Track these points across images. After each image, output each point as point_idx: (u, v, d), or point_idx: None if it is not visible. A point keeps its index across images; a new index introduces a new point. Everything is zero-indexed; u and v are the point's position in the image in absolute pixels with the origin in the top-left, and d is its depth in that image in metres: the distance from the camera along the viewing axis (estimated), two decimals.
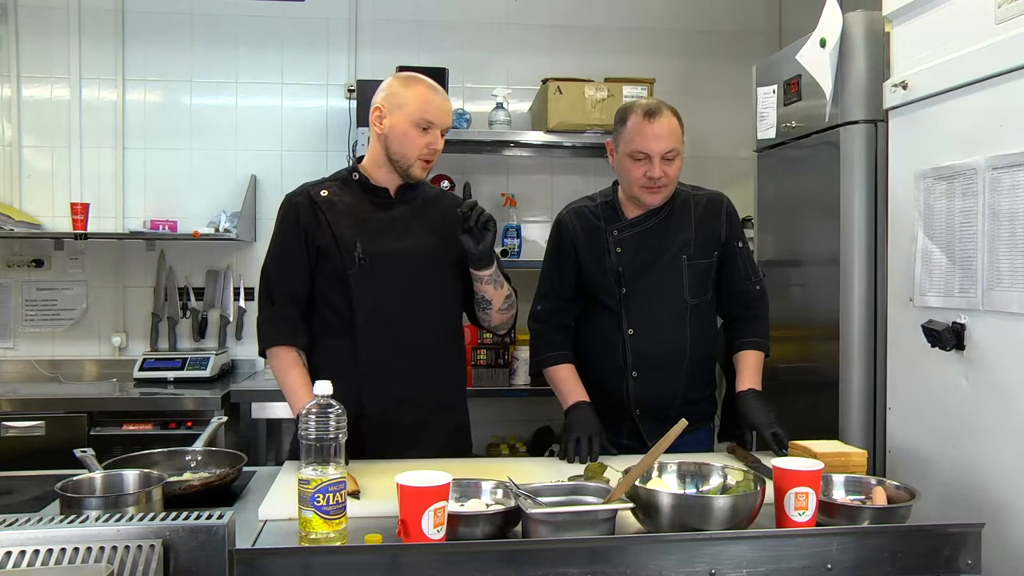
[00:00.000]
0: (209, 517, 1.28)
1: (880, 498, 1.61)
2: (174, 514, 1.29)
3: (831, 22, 2.45)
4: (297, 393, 2.02)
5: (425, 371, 2.09)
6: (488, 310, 2.18)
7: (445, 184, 3.73)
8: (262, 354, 2.14)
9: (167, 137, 3.87)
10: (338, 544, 1.38)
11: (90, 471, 1.65)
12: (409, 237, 2.11)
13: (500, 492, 1.56)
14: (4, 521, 1.27)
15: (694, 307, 2.23)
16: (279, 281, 2.11)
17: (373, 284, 2.06)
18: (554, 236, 2.34)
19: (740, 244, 2.28)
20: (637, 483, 1.50)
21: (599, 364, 2.27)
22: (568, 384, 2.23)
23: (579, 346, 2.32)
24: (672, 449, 1.58)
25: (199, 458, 1.92)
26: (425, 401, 2.09)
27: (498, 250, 2.61)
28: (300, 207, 2.10)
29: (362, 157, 2.17)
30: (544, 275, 2.35)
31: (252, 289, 3.93)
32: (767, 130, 2.89)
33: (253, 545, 1.46)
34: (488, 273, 2.09)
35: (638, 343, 2.21)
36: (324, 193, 2.12)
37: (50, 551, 1.21)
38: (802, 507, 1.49)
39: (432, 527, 1.36)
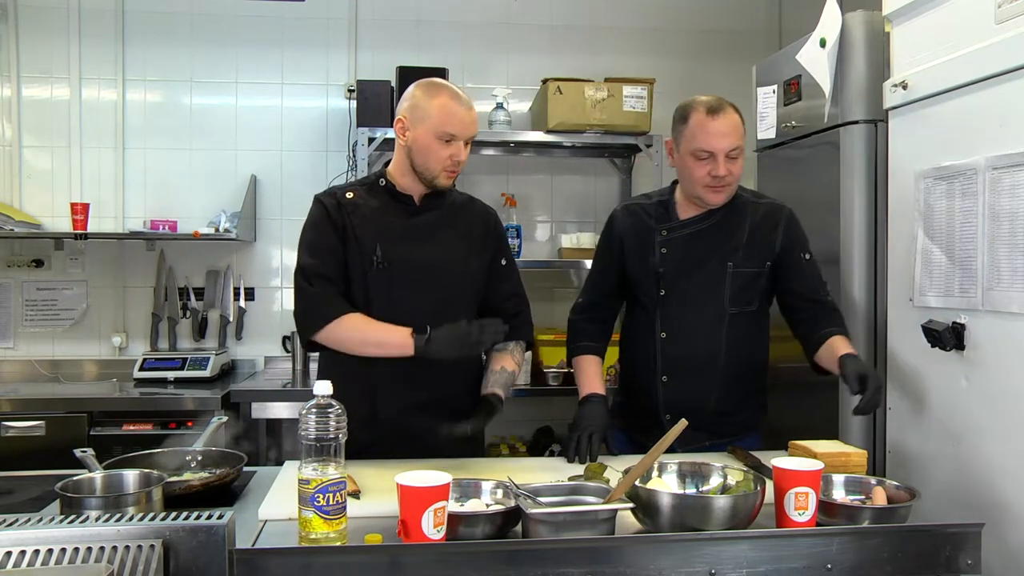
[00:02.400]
0: (209, 517, 1.28)
1: (880, 498, 1.61)
2: (174, 514, 1.29)
3: (831, 22, 2.45)
4: (391, 330, 1.95)
5: (440, 378, 2.06)
6: None
7: None
8: (311, 346, 2.05)
9: (167, 137, 3.87)
10: (338, 544, 1.38)
11: (90, 471, 1.65)
12: (431, 244, 2.10)
13: (500, 492, 1.56)
14: (4, 521, 1.27)
15: (733, 316, 2.16)
16: (317, 267, 2.05)
17: (391, 289, 2.05)
18: (604, 231, 2.33)
19: (807, 256, 2.17)
20: (637, 483, 1.50)
21: (633, 365, 2.27)
22: (585, 375, 2.21)
23: (621, 345, 2.33)
24: None
25: (199, 458, 1.92)
26: (439, 408, 2.05)
27: None
28: (329, 207, 2.10)
29: (389, 161, 2.17)
30: (591, 269, 2.37)
31: (252, 289, 3.94)
32: (767, 130, 2.89)
33: (253, 545, 1.46)
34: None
35: (669, 347, 2.17)
36: (350, 196, 2.11)
37: (50, 551, 1.21)
38: (802, 507, 1.49)
39: (432, 527, 1.35)
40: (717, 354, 2.16)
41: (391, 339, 1.95)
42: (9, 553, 1.20)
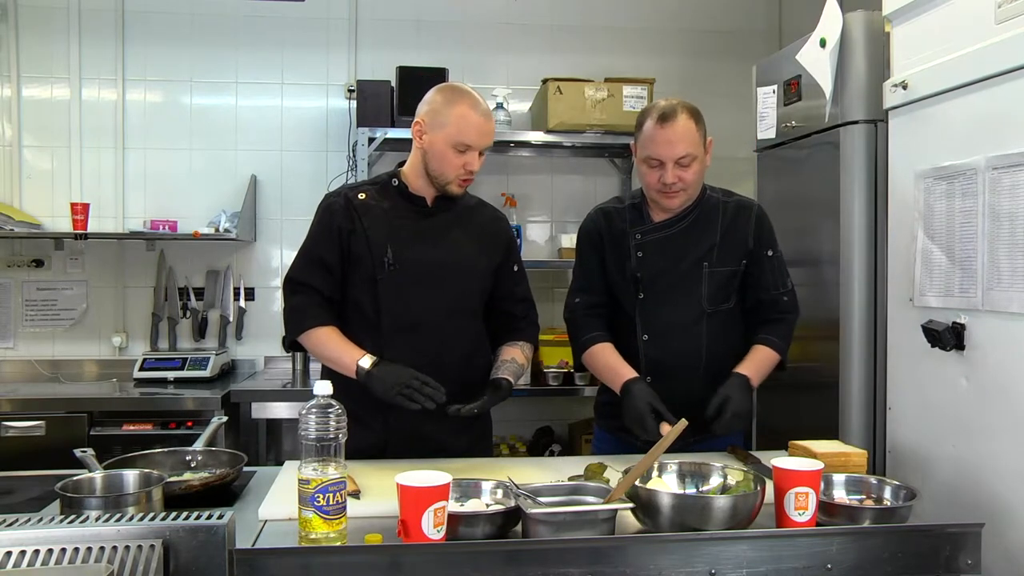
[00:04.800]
0: (209, 517, 1.28)
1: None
2: (174, 514, 1.29)
3: (831, 22, 2.45)
4: (344, 351, 2.01)
5: (452, 380, 2.03)
6: None
7: None
8: (292, 346, 2.14)
9: (167, 137, 3.87)
10: (338, 544, 1.38)
11: (90, 471, 1.65)
12: (443, 246, 2.10)
13: (500, 492, 1.56)
14: (4, 521, 1.27)
15: (711, 315, 2.16)
16: (305, 278, 2.10)
17: (401, 291, 2.06)
18: (582, 235, 2.30)
19: (770, 253, 2.20)
20: (637, 483, 1.50)
21: None
22: (611, 366, 2.16)
23: None
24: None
25: (199, 458, 1.92)
26: (450, 416, 2.02)
27: None
28: (335, 209, 2.10)
29: (403, 162, 2.17)
30: (576, 272, 2.32)
31: (252, 289, 3.94)
32: (767, 130, 2.89)
33: (253, 545, 1.46)
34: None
35: (652, 350, 2.17)
36: (362, 196, 2.11)
37: (50, 551, 1.21)
38: (802, 507, 1.49)
39: (432, 527, 1.36)
40: (698, 353, 2.16)
41: (342, 359, 2.01)
42: (9, 553, 1.20)
